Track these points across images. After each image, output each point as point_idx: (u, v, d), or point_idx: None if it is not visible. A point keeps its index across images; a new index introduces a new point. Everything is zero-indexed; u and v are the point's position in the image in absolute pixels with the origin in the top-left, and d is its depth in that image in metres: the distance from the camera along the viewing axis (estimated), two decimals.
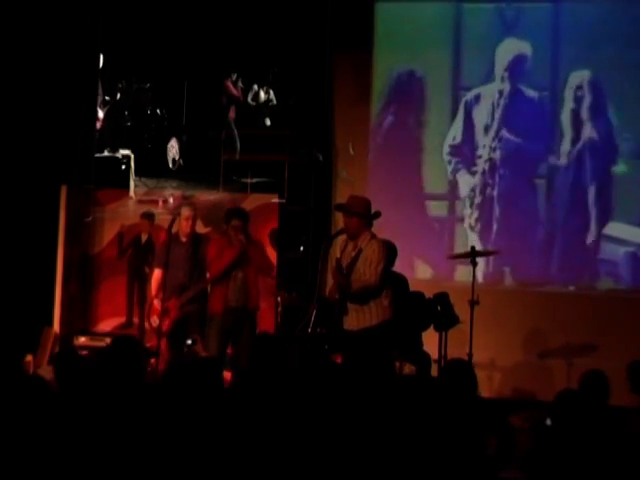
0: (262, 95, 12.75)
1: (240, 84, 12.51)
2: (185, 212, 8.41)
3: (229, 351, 7.94)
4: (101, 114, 11.34)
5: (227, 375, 5.95)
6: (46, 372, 7.32)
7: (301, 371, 5.02)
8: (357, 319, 6.92)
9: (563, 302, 9.17)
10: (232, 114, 12.40)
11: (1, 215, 9.31)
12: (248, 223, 7.95)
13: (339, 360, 7.08)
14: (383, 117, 9.78)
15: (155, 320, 8.17)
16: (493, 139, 9.50)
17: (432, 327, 8.00)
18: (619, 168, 9.21)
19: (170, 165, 12.11)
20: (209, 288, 8.15)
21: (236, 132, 11.97)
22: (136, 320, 9.47)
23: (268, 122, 12.78)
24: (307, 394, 4.56)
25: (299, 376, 4.86)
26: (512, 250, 9.33)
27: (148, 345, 8.07)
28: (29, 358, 8.33)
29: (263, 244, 8.56)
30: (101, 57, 10.82)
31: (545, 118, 9.45)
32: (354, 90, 9.88)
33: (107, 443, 4.19)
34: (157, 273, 8.22)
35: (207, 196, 9.60)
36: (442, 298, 8.02)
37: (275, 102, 12.78)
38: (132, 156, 10.93)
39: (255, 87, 12.76)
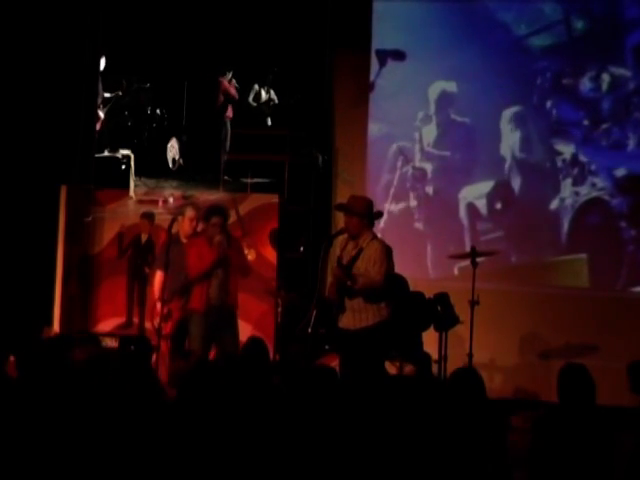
0: (263, 95, 12.74)
1: (235, 83, 12.47)
2: (189, 212, 8.39)
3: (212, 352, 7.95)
4: (101, 114, 11.33)
5: None
6: None
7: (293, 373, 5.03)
8: (354, 319, 6.89)
9: (563, 302, 9.15)
10: (229, 113, 12.38)
11: (1, 215, 9.30)
12: (228, 221, 7.99)
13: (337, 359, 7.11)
14: None
15: (157, 322, 8.16)
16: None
17: (432, 327, 8.00)
18: None
19: (170, 165, 12.10)
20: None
21: (229, 132, 11.95)
22: (136, 320, 9.45)
23: (269, 122, 12.78)
24: (302, 396, 4.56)
25: (294, 379, 4.86)
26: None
27: None
28: None
29: (240, 244, 8.43)
30: (103, 59, 10.83)
31: None
32: (354, 90, 9.88)
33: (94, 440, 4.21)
34: (159, 275, 8.19)
35: (207, 196, 9.60)
36: (442, 298, 8.02)
37: (276, 102, 12.77)
38: (132, 156, 10.91)
39: (256, 87, 12.75)
